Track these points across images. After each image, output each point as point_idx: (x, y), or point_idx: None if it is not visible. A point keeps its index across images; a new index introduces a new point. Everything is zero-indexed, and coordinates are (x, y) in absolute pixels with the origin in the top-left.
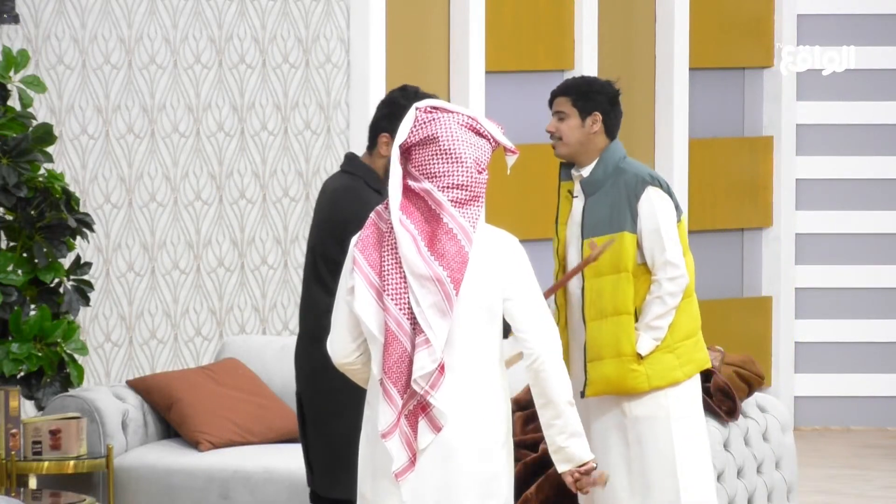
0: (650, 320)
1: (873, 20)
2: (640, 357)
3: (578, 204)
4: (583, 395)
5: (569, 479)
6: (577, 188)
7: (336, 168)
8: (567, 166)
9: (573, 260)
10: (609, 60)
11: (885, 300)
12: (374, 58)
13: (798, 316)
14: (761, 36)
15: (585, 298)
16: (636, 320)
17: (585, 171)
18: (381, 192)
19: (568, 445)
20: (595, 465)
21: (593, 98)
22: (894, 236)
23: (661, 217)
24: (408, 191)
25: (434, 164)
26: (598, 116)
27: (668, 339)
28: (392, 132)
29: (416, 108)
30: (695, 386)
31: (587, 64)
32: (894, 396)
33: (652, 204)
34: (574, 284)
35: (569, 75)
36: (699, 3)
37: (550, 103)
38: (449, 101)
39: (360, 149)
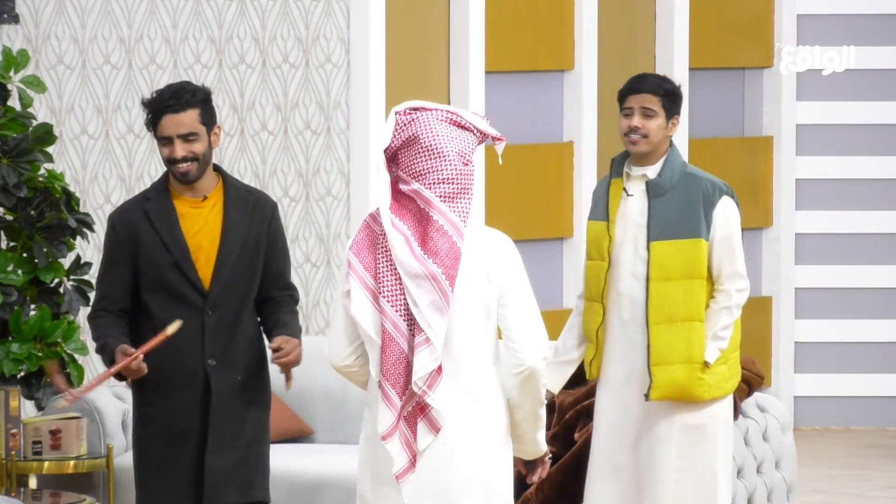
0: (718, 330)
1: (873, 20)
2: (705, 366)
3: (635, 203)
4: (647, 397)
5: (523, 469)
6: (635, 187)
7: (335, 167)
8: (620, 162)
9: (625, 261)
10: (609, 60)
11: (885, 300)
12: (374, 58)
13: (798, 316)
14: (761, 36)
15: (651, 301)
16: None
17: (650, 172)
18: (149, 199)
19: (540, 440)
20: (550, 457)
21: (678, 102)
22: (894, 236)
23: (733, 227)
24: (399, 194)
25: (418, 162)
26: (677, 121)
27: (724, 351)
28: (157, 137)
29: (395, 112)
30: (731, 397)
31: (587, 64)
32: (894, 396)
33: (726, 213)
34: (632, 285)
35: (569, 75)
36: (699, 3)
37: (627, 96)
38: (449, 101)
39: (361, 149)
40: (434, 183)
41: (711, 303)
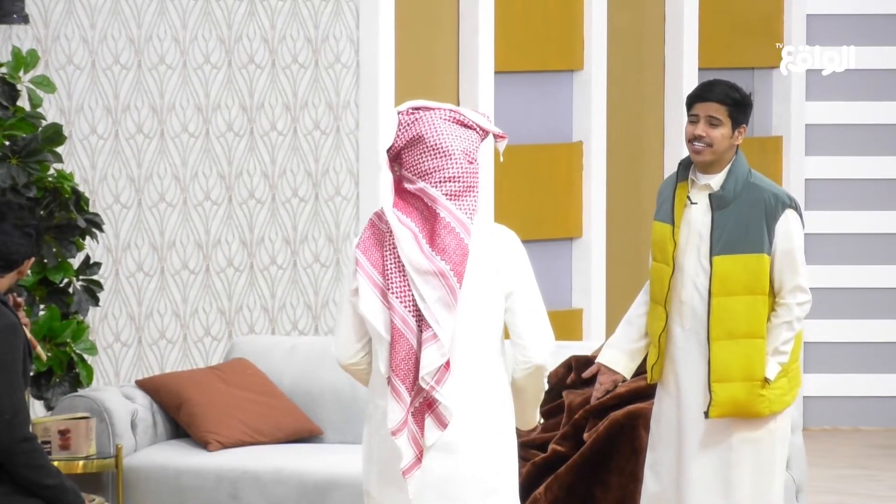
0: (779, 345)
1: (885, 20)
2: (766, 382)
3: (698, 212)
4: (707, 415)
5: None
6: (699, 195)
7: (344, 167)
8: (686, 167)
9: (688, 269)
10: (618, 60)
11: (895, 300)
12: (383, 58)
13: (808, 316)
14: (771, 36)
15: (712, 316)
16: None
17: (714, 182)
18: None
19: (536, 415)
20: (542, 421)
21: (746, 111)
22: None
23: (796, 241)
24: (404, 193)
25: (423, 161)
26: (744, 129)
27: (784, 364)
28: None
29: (399, 112)
30: (790, 409)
31: (596, 64)
32: None
33: (789, 226)
34: (693, 296)
35: (578, 75)
36: (708, 2)
37: (694, 104)
38: (458, 102)
39: (370, 149)
40: (440, 181)
41: (772, 317)
